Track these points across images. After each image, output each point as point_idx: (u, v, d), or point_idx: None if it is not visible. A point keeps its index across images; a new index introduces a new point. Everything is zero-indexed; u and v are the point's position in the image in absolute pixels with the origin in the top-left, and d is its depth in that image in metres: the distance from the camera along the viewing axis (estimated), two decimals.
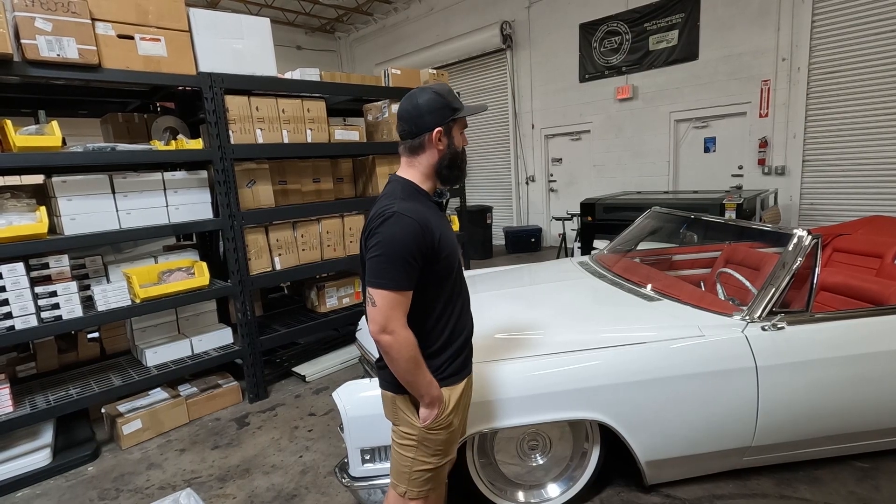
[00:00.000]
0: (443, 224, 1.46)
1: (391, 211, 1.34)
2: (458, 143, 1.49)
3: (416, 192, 1.46)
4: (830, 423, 2.18)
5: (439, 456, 1.51)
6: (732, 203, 4.60)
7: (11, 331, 2.59)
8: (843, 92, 5.55)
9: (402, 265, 1.32)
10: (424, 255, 1.36)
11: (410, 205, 1.38)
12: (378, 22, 10.83)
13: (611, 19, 7.26)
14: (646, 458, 2.09)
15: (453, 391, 1.50)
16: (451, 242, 1.46)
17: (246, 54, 3.35)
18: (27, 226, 2.59)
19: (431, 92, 1.43)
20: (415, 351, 1.37)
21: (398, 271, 1.32)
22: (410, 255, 1.32)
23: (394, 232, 1.32)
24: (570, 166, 8.48)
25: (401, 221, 1.32)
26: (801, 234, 2.20)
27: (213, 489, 2.54)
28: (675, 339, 2.06)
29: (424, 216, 1.38)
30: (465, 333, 1.56)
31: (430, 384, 1.42)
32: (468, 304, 1.59)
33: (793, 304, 2.25)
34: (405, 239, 1.32)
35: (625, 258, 3.20)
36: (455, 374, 1.51)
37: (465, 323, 1.56)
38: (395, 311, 1.33)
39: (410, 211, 1.35)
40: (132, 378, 3.12)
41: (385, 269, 1.32)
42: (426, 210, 1.42)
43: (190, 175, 3.29)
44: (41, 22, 2.49)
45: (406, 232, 1.32)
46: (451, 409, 1.49)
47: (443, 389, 1.47)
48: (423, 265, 1.37)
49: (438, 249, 1.39)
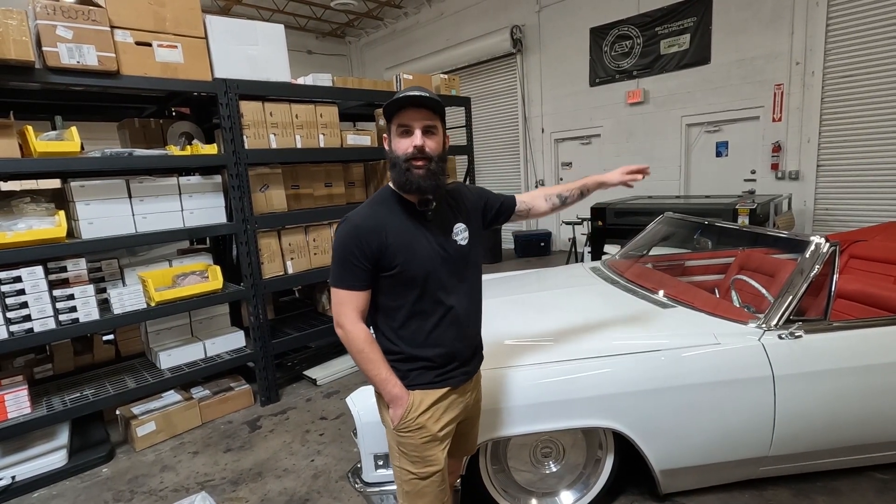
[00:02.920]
0: (409, 232, 1.41)
1: (345, 217, 1.43)
2: (393, 144, 1.40)
3: (388, 198, 1.45)
4: (849, 434, 2.14)
5: (418, 465, 1.47)
6: (745, 208, 4.56)
7: (30, 333, 2.63)
8: (859, 96, 5.48)
9: (343, 265, 1.38)
10: (369, 258, 1.36)
11: (366, 209, 1.42)
12: (388, 26, 10.89)
13: (622, 23, 7.24)
14: (660, 467, 2.07)
15: (427, 395, 1.46)
16: (413, 253, 1.39)
17: (260, 60, 3.39)
18: (46, 230, 2.63)
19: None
20: (363, 346, 1.39)
21: (341, 270, 1.39)
22: (351, 256, 1.36)
23: (338, 234, 1.40)
24: (580, 170, 8.44)
25: (344, 224, 1.40)
26: (819, 241, 2.17)
27: (225, 492, 2.56)
28: (691, 347, 2.04)
29: (371, 220, 1.38)
30: (442, 350, 1.47)
31: (384, 381, 1.42)
32: (459, 322, 1.49)
33: (810, 312, 2.22)
34: (344, 239, 1.38)
35: (637, 264, 3.18)
36: (427, 383, 1.47)
37: (443, 339, 1.47)
38: (343, 307, 1.39)
39: (357, 214, 1.41)
40: (146, 380, 3.15)
41: (334, 268, 1.41)
42: (387, 216, 1.40)
43: (205, 180, 3.32)
44: (62, 30, 2.53)
45: (345, 233, 1.38)
46: (423, 411, 1.45)
47: (415, 392, 1.45)
48: (374, 268, 1.38)
49: (386, 255, 1.37)
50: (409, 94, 1.34)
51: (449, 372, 1.49)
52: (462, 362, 1.53)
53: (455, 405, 1.52)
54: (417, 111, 1.35)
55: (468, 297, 1.53)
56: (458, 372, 1.52)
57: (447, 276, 1.46)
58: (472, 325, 1.56)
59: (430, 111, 1.37)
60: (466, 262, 1.52)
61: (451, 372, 1.50)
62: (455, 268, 1.48)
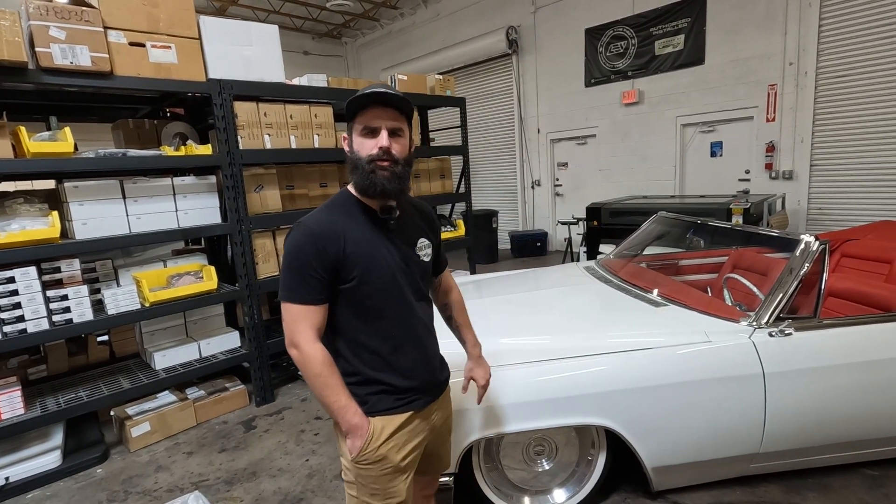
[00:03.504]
0: (369, 241, 1.30)
1: (298, 221, 1.30)
2: (356, 145, 1.29)
3: (348, 203, 1.34)
4: (839, 431, 2.16)
5: (378, 498, 1.35)
6: (739, 208, 4.58)
7: (24, 333, 2.63)
8: (852, 96, 5.52)
9: (298, 276, 1.24)
10: (326, 268, 1.24)
11: (322, 214, 1.31)
12: (385, 27, 10.91)
13: (617, 24, 7.27)
14: (652, 464, 2.08)
15: (389, 421, 1.33)
16: (373, 264, 1.29)
17: (255, 61, 3.39)
18: (40, 230, 2.63)
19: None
20: (321, 369, 1.24)
21: (296, 282, 1.25)
22: (306, 265, 1.23)
23: (290, 241, 1.28)
24: (575, 171, 8.48)
25: (299, 231, 1.27)
26: (809, 239, 2.19)
27: (220, 492, 2.56)
28: (682, 345, 2.06)
29: (330, 226, 1.27)
30: (405, 372, 1.35)
31: (343, 409, 1.27)
32: (421, 341, 1.40)
33: (801, 309, 2.24)
34: (298, 247, 1.25)
35: (631, 263, 3.19)
36: (389, 408, 1.34)
37: (405, 360, 1.35)
38: (298, 324, 1.25)
39: (312, 219, 1.29)
40: (141, 381, 3.15)
41: (284, 279, 1.27)
42: (345, 222, 1.29)
43: (199, 180, 3.32)
44: (55, 30, 2.53)
45: (300, 240, 1.26)
46: (384, 440, 1.32)
47: (375, 419, 1.32)
48: (331, 279, 1.26)
49: (344, 265, 1.26)
50: (375, 91, 1.24)
51: (412, 395, 1.38)
52: (426, 384, 1.42)
53: (419, 430, 1.40)
54: (384, 110, 1.26)
55: (427, 314, 1.44)
56: (423, 394, 1.40)
57: (409, 291, 1.36)
58: (432, 343, 1.46)
59: (396, 111, 1.27)
60: (426, 279, 1.45)
61: (414, 395, 1.38)
62: (415, 282, 1.39)
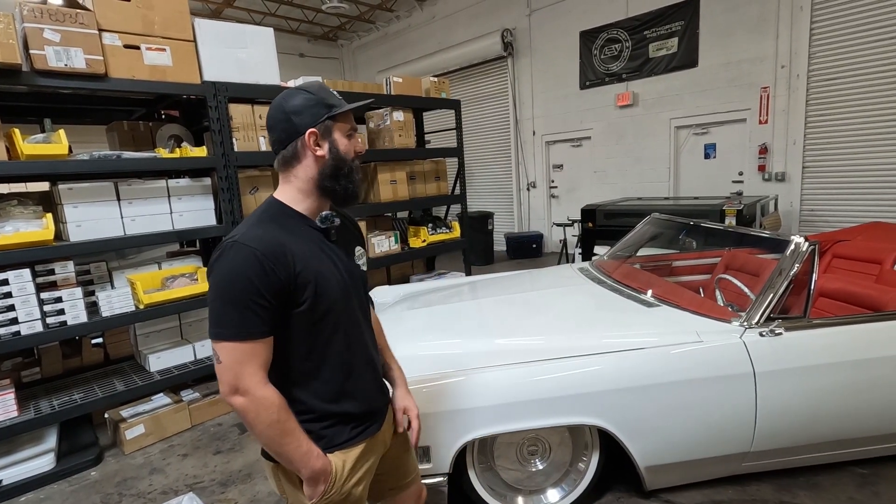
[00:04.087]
0: (315, 256, 1.16)
1: (230, 241, 1.09)
2: (344, 147, 1.21)
3: (281, 215, 1.18)
4: (829, 429, 2.18)
5: None
6: (732, 209, 4.62)
7: (17, 336, 2.62)
8: (842, 99, 5.58)
9: (241, 307, 1.05)
10: (277, 294, 1.08)
11: (260, 231, 1.11)
12: (380, 30, 10.93)
13: (611, 27, 7.32)
14: (645, 464, 2.10)
15: (349, 455, 1.22)
16: (324, 281, 1.15)
17: (249, 63, 3.40)
18: (34, 232, 2.63)
19: (300, 90, 1.19)
20: (279, 414, 1.08)
21: (238, 315, 1.05)
22: (253, 293, 1.05)
23: (229, 268, 1.06)
24: (571, 173, 8.51)
25: (238, 253, 1.06)
26: (799, 240, 2.21)
27: (215, 493, 2.56)
28: (674, 345, 2.07)
29: (276, 244, 1.09)
30: (361, 398, 1.26)
31: (306, 455, 1.12)
32: (372, 361, 1.31)
33: (792, 310, 2.27)
34: (244, 274, 1.05)
35: (625, 264, 3.22)
36: (346, 440, 1.23)
37: (360, 385, 1.26)
38: (245, 365, 1.06)
39: (254, 239, 1.08)
40: (135, 383, 3.15)
41: (223, 314, 1.06)
42: (286, 237, 1.12)
43: (194, 182, 3.32)
44: (50, 33, 2.54)
45: (244, 266, 1.05)
46: (347, 476, 1.21)
47: (334, 455, 1.19)
48: (280, 305, 1.09)
49: (296, 287, 1.10)
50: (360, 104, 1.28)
51: (367, 422, 1.28)
52: (380, 406, 1.34)
53: (374, 458, 1.33)
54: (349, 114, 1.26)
55: (369, 327, 1.34)
56: (376, 418, 1.32)
57: (355, 306, 1.25)
58: (378, 358, 1.37)
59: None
60: (366, 289, 1.36)
61: (369, 421, 1.28)
62: (359, 296, 1.29)
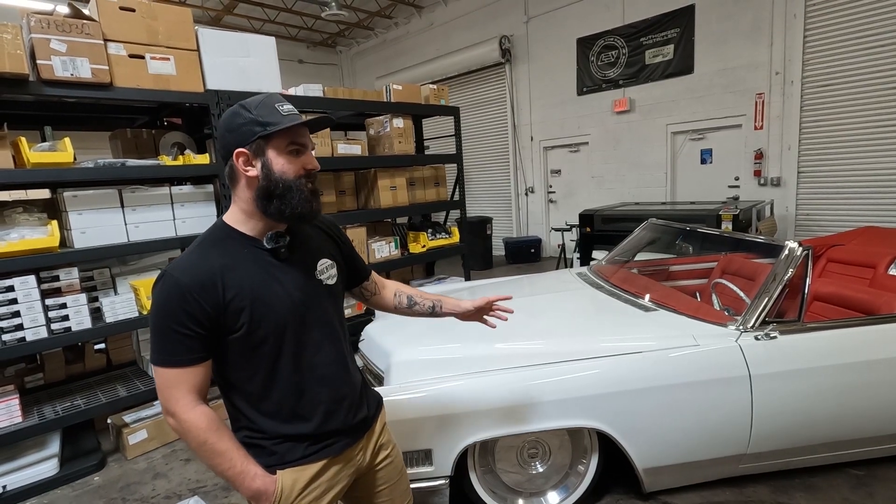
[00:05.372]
0: (256, 279, 1.13)
1: (163, 270, 1.11)
2: (280, 167, 1.13)
3: (225, 238, 1.16)
4: (824, 431, 2.22)
5: None
6: (729, 214, 4.67)
7: (23, 342, 2.65)
8: (836, 104, 5.66)
9: (168, 336, 1.08)
10: (201, 323, 1.08)
11: (195, 258, 1.12)
12: (379, 36, 11.01)
13: (608, 34, 7.40)
14: (643, 466, 2.13)
15: (301, 473, 1.19)
16: (263, 305, 1.13)
17: (251, 71, 3.45)
18: (39, 239, 2.66)
19: (240, 107, 1.14)
20: (206, 436, 1.09)
21: (165, 343, 1.08)
22: (177, 324, 1.06)
23: (157, 298, 1.09)
24: (568, 178, 8.57)
25: (166, 284, 1.09)
26: (793, 245, 2.26)
27: (217, 498, 2.58)
28: (671, 349, 2.11)
29: (201, 272, 1.09)
30: (317, 419, 1.21)
31: (240, 475, 1.12)
32: (332, 379, 1.25)
33: (787, 313, 2.31)
34: (167, 304, 1.07)
35: (622, 269, 3.26)
36: (300, 458, 1.19)
37: (314, 406, 1.21)
38: (173, 390, 1.09)
39: (180, 267, 1.10)
40: (138, 389, 3.17)
41: (154, 340, 1.10)
42: (225, 261, 1.12)
43: (196, 189, 3.36)
44: (56, 43, 2.58)
45: (167, 296, 1.08)
46: (297, 495, 1.17)
47: (284, 473, 1.17)
48: (210, 332, 1.10)
49: (227, 314, 1.09)
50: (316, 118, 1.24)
51: (326, 440, 1.23)
52: (343, 425, 1.26)
53: (340, 478, 1.26)
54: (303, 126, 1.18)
55: (337, 344, 1.28)
56: (339, 437, 1.25)
57: (311, 325, 1.21)
58: (347, 376, 1.29)
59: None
60: (335, 303, 1.30)
61: (328, 440, 1.23)
62: (319, 314, 1.23)
